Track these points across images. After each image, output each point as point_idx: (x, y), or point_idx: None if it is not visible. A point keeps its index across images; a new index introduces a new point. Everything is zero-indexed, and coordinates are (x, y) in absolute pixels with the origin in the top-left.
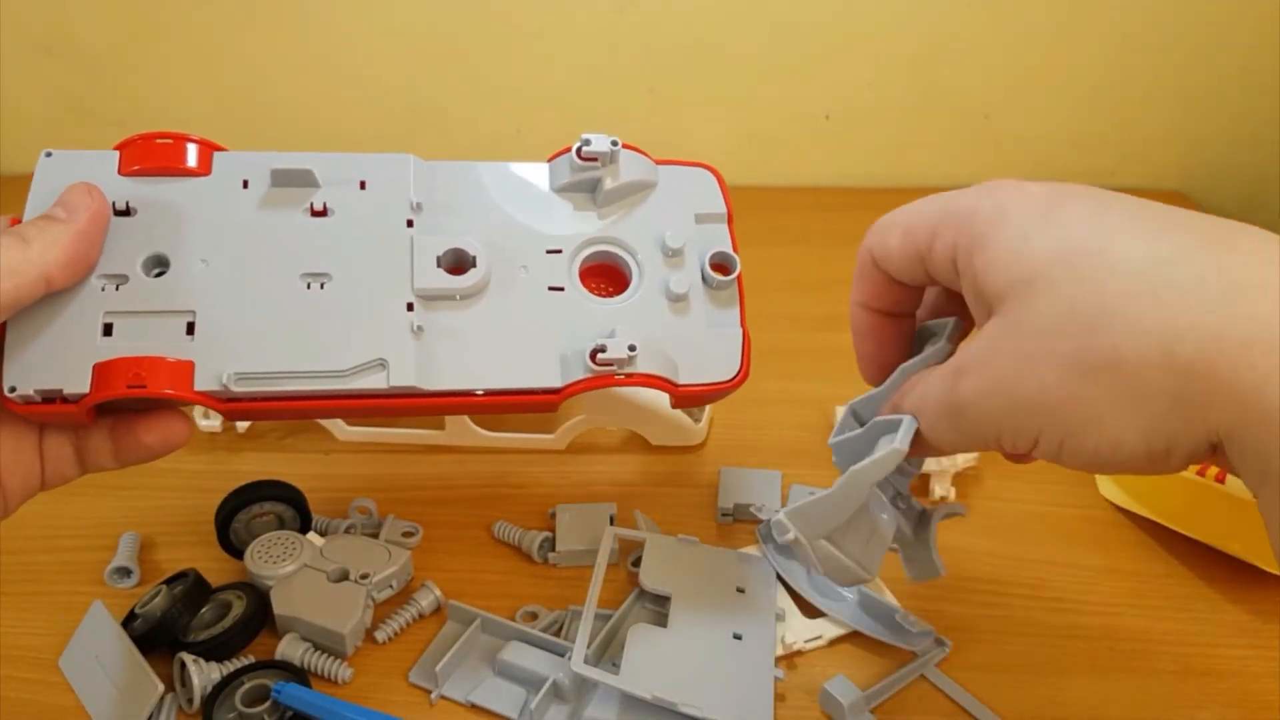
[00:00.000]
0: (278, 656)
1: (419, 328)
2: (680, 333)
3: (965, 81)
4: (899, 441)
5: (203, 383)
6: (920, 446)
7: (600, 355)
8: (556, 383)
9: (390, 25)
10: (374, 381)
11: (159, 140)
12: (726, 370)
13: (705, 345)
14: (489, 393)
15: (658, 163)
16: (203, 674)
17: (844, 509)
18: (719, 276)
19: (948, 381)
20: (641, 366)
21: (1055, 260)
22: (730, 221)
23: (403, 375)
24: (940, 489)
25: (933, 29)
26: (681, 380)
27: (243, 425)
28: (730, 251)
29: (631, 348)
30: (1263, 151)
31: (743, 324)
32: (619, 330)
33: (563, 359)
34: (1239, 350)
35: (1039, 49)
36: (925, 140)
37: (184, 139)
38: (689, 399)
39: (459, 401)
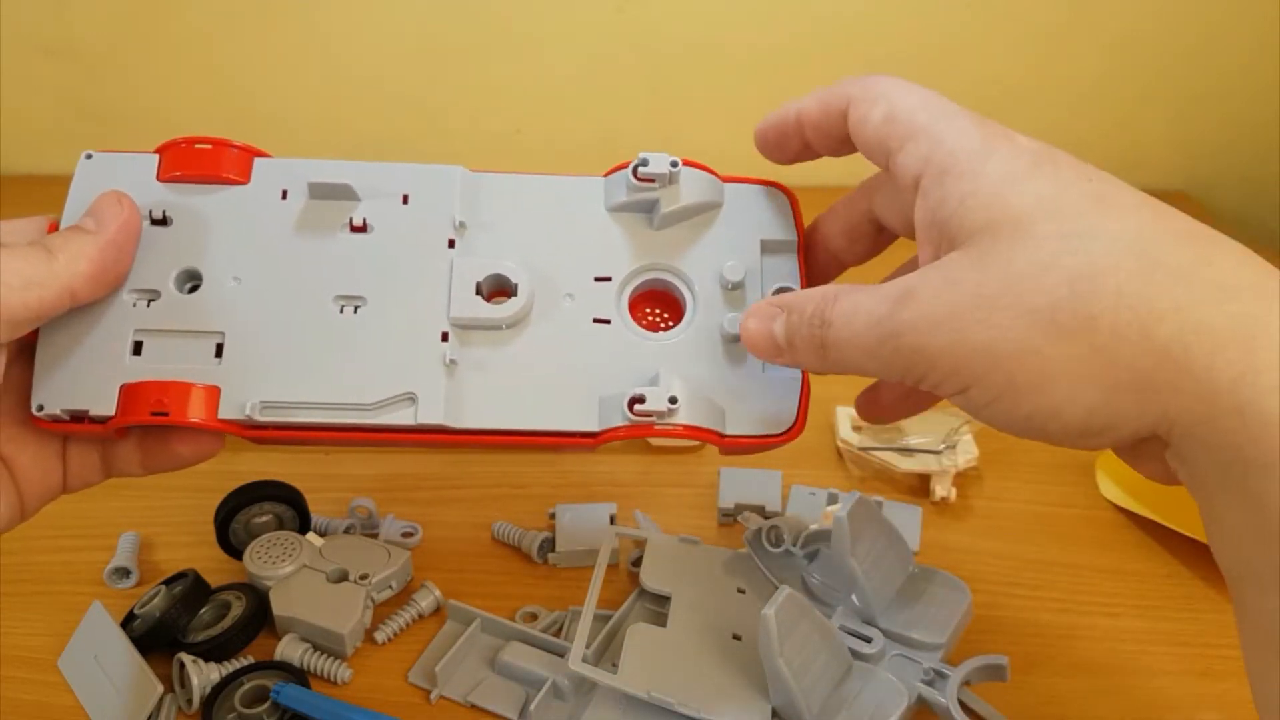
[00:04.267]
0: (277, 657)
1: (452, 361)
2: (731, 377)
3: (965, 81)
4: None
5: (228, 410)
6: (820, 357)
7: (638, 407)
8: (594, 427)
9: (390, 25)
10: (401, 417)
11: (199, 145)
12: (780, 422)
13: (759, 392)
14: (520, 434)
15: (724, 180)
16: (202, 674)
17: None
18: None
19: (887, 303)
20: (683, 418)
21: (1044, 212)
22: (801, 251)
23: (431, 412)
24: (941, 489)
25: (933, 29)
26: (729, 430)
27: None
28: (796, 288)
29: (673, 400)
30: (1263, 151)
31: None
32: (663, 374)
33: (601, 402)
34: (1219, 342)
35: (1038, 49)
36: None
37: (225, 145)
38: (735, 450)
39: (489, 440)
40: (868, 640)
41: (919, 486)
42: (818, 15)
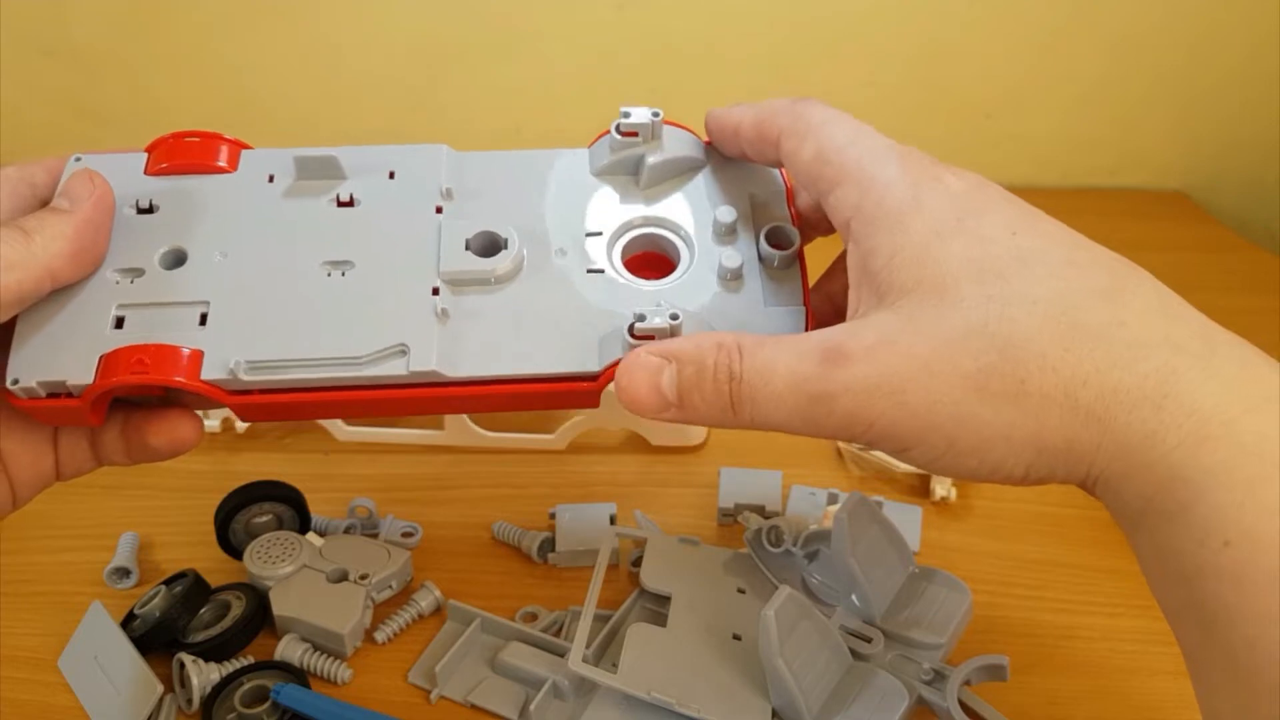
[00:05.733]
0: (277, 657)
1: (443, 311)
2: (734, 310)
3: (965, 81)
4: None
5: (211, 371)
6: (729, 414)
7: (639, 326)
8: (594, 367)
9: (390, 25)
10: (393, 368)
11: (187, 139)
12: None
13: (762, 325)
14: (519, 380)
15: (707, 143)
16: (202, 674)
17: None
18: (777, 253)
19: (813, 362)
20: None
21: (970, 275)
22: (790, 199)
23: (424, 360)
24: (941, 489)
25: (933, 28)
26: None
27: (242, 425)
28: (789, 226)
29: (674, 316)
30: (1263, 151)
31: (806, 303)
32: (663, 304)
33: (601, 341)
34: (1133, 403)
35: (1039, 49)
36: (925, 140)
37: (212, 137)
38: None
39: (486, 392)
40: (868, 640)
41: (919, 486)
42: (817, 15)
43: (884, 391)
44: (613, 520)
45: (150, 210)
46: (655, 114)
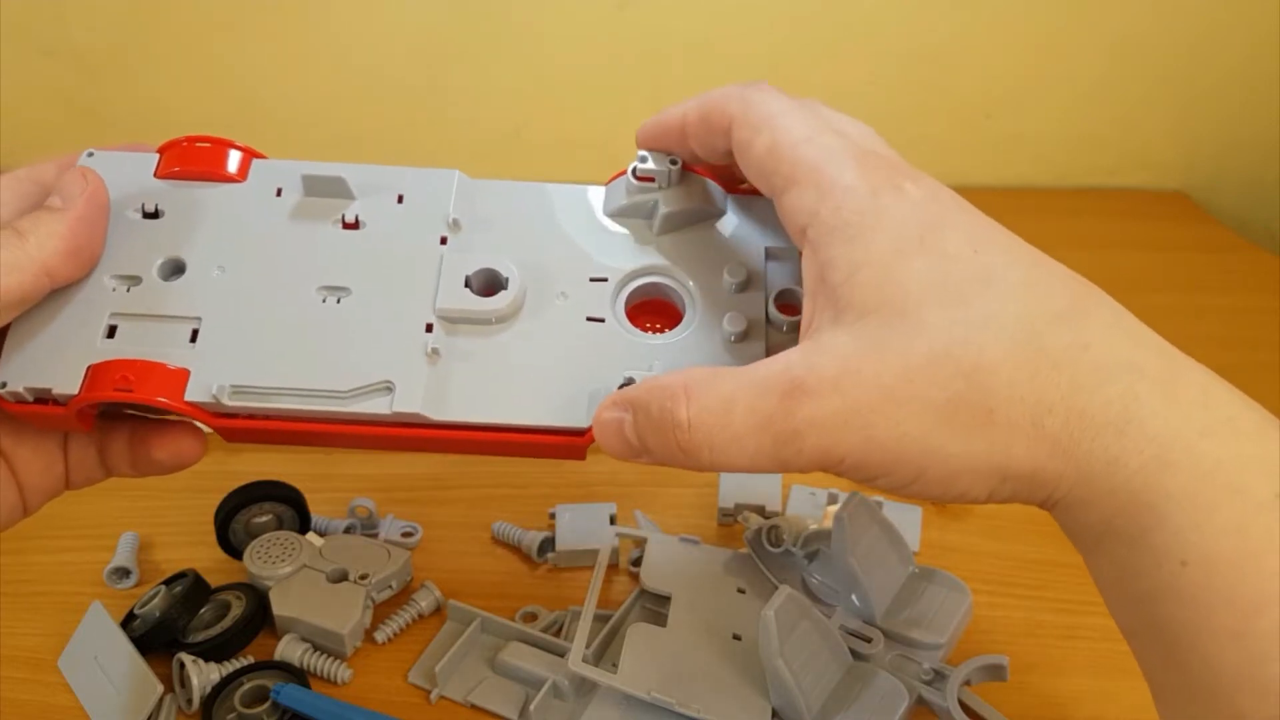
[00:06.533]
0: (277, 657)
1: (434, 350)
2: None
3: (965, 81)
4: None
5: (195, 393)
6: (684, 460)
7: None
8: (583, 423)
9: (390, 25)
10: (376, 406)
11: (199, 144)
12: None
13: None
14: (505, 429)
15: (729, 191)
16: (202, 674)
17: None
18: (785, 318)
19: (774, 397)
20: None
21: (932, 295)
22: None
23: (409, 401)
24: None
25: (933, 28)
26: None
27: None
28: (800, 290)
29: None
30: (1263, 151)
31: None
32: (657, 367)
33: (591, 397)
34: (1097, 428)
35: (1039, 49)
36: (925, 140)
37: (224, 144)
38: None
39: (470, 437)
40: (868, 640)
41: None
42: (818, 15)
43: (852, 426)
44: (613, 520)
45: (155, 215)
46: (673, 161)
